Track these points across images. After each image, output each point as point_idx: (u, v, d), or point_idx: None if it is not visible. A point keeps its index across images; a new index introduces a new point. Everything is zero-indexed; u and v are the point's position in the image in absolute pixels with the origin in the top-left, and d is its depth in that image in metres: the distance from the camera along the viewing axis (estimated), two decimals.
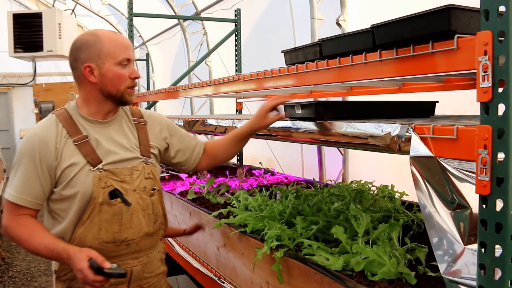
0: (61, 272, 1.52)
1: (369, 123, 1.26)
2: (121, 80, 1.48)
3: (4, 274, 4.24)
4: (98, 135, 1.50)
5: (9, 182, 1.49)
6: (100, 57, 1.45)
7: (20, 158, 1.47)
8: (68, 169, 1.44)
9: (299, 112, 1.65)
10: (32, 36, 6.16)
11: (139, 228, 1.52)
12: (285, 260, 1.64)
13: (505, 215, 0.82)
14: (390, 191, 2.27)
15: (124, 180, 1.49)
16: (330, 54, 1.37)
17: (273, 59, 2.67)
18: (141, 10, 4.90)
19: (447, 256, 0.98)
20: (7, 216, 1.47)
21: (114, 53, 1.45)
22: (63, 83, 10.99)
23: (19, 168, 1.46)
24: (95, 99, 1.50)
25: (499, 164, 0.82)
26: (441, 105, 1.77)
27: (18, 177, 1.45)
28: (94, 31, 1.50)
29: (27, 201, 1.45)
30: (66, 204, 1.47)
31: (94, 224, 1.46)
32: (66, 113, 1.51)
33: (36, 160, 1.43)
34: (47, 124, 1.49)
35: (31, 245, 1.44)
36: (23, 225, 1.45)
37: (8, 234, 1.47)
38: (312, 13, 3.77)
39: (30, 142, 1.46)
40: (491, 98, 0.82)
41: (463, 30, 0.96)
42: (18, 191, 1.44)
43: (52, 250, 1.40)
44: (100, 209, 1.45)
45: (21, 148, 1.47)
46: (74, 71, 1.50)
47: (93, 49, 1.45)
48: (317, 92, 2.39)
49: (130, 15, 3.75)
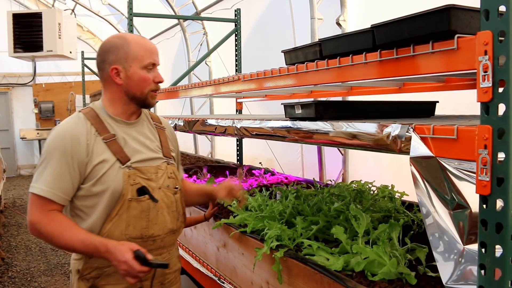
0: (85, 271, 1.51)
1: (369, 123, 1.26)
2: (146, 83, 1.53)
3: (3, 274, 4.24)
4: (125, 135, 1.54)
5: (36, 177, 1.46)
6: (127, 60, 1.50)
7: (50, 153, 1.46)
8: (99, 165, 1.47)
9: (299, 112, 1.65)
10: (32, 36, 6.15)
11: (164, 225, 1.57)
12: (285, 260, 1.64)
13: (505, 215, 0.82)
14: (390, 191, 2.27)
15: (150, 178, 1.54)
16: (330, 54, 1.37)
17: (273, 59, 2.67)
18: (141, 10, 4.90)
19: (446, 256, 0.98)
20: (35, 212, 1.44)
21: (141, 57, 1.50)
22: (63, 83, 11.01)
23: (49, 163, 1.45)
24: (121, 100, 1.55)
25: (499, 164, 0.82)
26: (441, 105, 1.77)
27: (49, 172, 1.44)
28: (123, 34, 1.55)
29: (58, 197, 1.44)
30: (93, 200, 1.48)
31: (122, 220, 1.48)
32: (93, 111, 1.54)
33: (68, 156, 1.44)
34: (76, 121, 1.51)
35: (64, 240, 1.42)
36: (55, 220, 1.43)
37: (37, 230, 1.44)
38: (312, 13, 3.77)
39: (61, 137, 1.46)
40: (491, 98, 0.82)
41: (463, 30, 0.96)
42: (50, 186, 1.43)
43: (88, 244, 1.41)
44: (129, 206, 1.48)
45: (51, 143, 1.47)
46: (101, 71, 1.55)
47: (121, 52, 1.50)
48: (317, 92, 2.39)
49: (130, 15, 3.75)
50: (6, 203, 7.38)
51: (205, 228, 2.42)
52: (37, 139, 10.36)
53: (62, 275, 4.20)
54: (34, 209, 1.44)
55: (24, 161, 10.97)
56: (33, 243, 5.23)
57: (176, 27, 7.36)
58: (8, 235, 5.59)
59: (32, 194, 1.45)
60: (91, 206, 1.48)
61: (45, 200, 1.43)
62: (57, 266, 4.44)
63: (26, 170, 10.97)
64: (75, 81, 10.74)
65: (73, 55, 6.53)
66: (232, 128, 2.11)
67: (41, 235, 1.45)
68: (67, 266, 4.41)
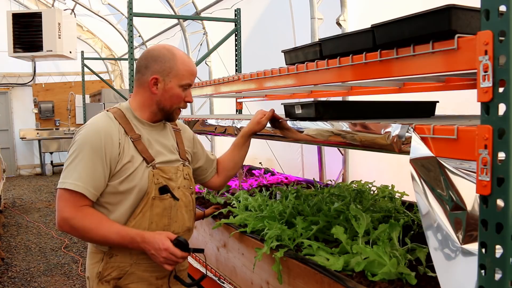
0: (105, 272, 1.52)
1: (369, 123, 1.26)
2: (177, 100, 1.59)
3: (3, 274, 4.23)
4: (149, 136, 1.58)
5: (66, 173, 1.45)
6: (169, 75, 1.54)
7: (82, 149, 1.45)
8: (128, 164, 1.50)
9: (299, 112, 1.65)
10: (31, 36, 6.15)
11: (183, 223, 1.62)
12: (285, 260, 1.64)
13: (506, 215, 0.82)
14: (390, 191, 2.27)
15: (171, 178, 1.58)
16: (330, 54, 1.37)
17: (273, 59, 2.67)
18: (141, 9, 4.90)
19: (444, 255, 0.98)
20: (68, 208, 1.43)
21: (182, 76, 1.55)
22: (63, 83, 11.00)
23: (82, 159, 1.45)
24: (150, 108, 1.59)
25: (499, 164, 0.82)
26: (441, 105, 1.77)
27: (82, 167, 1.44)
28: (172, 48, 1.58)
29: (91, 193, 1.45)
30: (118, 198, 1.50)
31: (145, 218, 1.51)
32: (120, 112, 1.58)
33: (101, 152, 1.45)
34: (107, 119, 1.53)
35: (100, 233, 1.43)
36: (90, 215, 1.44)
37: (70, 226, 1.43)
38: (312, 13, 3.77)
39: (95, 134, 1.47)
40: (491, 98, 0.82)
41: (464, 30, 0.96)
42: (84, 182, 1.43)
43: (124, 235, 1.44)
44: (152, 204, 1.52)
45: (84, 139, 1.47)
46: (139, 75, 1.59)
47: (166, 65, 1.54)
48: (317, 92, 2.39)
49: (130, 15, 3.75)
50: (6, 203, 7.37)
51: (205, 228, 2.42)
52: (37, 139, 10.35)
53: (62, 275, 4.19)
54: (66, 205, 1.43)
55: (24, 161, 10.97)
56: (33, 243, 5.23)
57: (176, 27, 7.36)
58: (8, 235, 5.59)
59: (63, 190, 1.44)
60: (115, 203, 1.50)
61: (78, 196, 1.43)
62: (57, 266, 4.44)
63: (26, 170, 10.97)
64: (75, 81, 10.74)
65: (73, 55, 6.52)
66: (232, 128, 2.11)
67: (75, 231, 1.45)
68: (67, 266, 4.41)
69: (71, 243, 5.20)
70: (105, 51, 11.69)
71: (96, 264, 1.55)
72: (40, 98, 10.61)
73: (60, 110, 10.70)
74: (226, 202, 2.56)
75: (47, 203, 7.48)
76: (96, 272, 1.54)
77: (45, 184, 9.44)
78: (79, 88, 9.51)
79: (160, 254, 1.43)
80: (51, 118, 10.64)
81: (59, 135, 10.34)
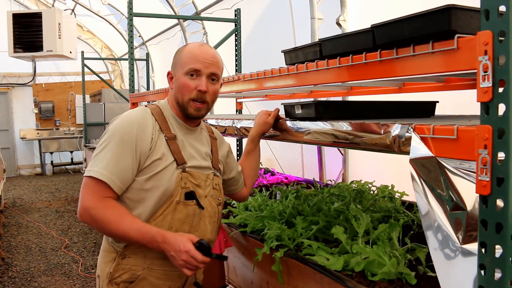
0: (116, 273, 1.45)
1: (369, 123, 1.26)
2: (185, 90, 1.49)
3: (3, 274, 4.23)
4: (184, 138, 1.54)
5: (94, 161, 1.39)
6: (176, 66, 1.53)
7: (113, 139, 1.40)
8: (158, 161, 1.44)
9: (299, 112, 1.65)
10: (32, 36, 6.15)
11: (204, 233, 1.53)
12: (285, 260, 1.64)
13: (505, 215, 0.82)
14: (390, 191, 2.27)
15: (199, 184, 1.52)
16: (330, 54, 1.37)
17: (273, 59, 2.67)
18: (141, 10, 4.90)
19: (443, 255, 0.98)
20: (91, 197, 1.36)
21: (184, 63, 1.50)
22: (63, 83, 11.00)
23: (111, 148, 1.39)
24: (172, 103, 1.57)
25: (499, 164, 0.82)
26: (441, 105, 1.78)
27: (110, 157, 1.38)
28: (191, 43, 1.57)
29: (116, 185, 1.38)
30: (141, 195, 1.44)
31: (166, 222, 1.44)
32: (158, 109, 1.54)
33: (132, 144, 1.40)
34: (143, 114, 1.49)
35: (120, 228, 1.36)
36: (112, 207, 1.38)
37: (91, 216, 1.36)
38: (312, 13, 3.77)
39: (128, 125, 1.43)
40: (491, 98, 0.82)
41: (464, 30, 0.96)
42: (111, 172, 1.37)
43: (145, 233, 1.36)
44: (175, 208, 1.45)
45: (116, 129, 1.42)
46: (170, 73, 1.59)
47: (176, 57, 1.55)
48: (317, 92, 2.39)
49: (130, 15, 3.75)
50: (6, 203, 7.37)
51: None
52: (37, 139, 10.36)
53: (62, 275, 4.19)
54: (89, 194, 1.37)
55: (24, 161, 10.97)
56: (33, 243, 5.23)
57: (176, 27, 7.36)
58: (8, 235, 5.59)
59: (88, 178, 1.38)
60: (137, 200, 1.44)
61: (102, 186, 1.37)
62: (57, 266, 4.44)
63: (26, 170, 10.97)
64: (75, 81, 10.74)
65: (73, 55, 6.53)
66: (232, 128, 2.11)
67: (95, 222, 1.37)
68: (67, 266, 4.41)
69: (71, 243, 5.20)
70: (105, 51, 11.69)
71: (108, 264, 1.48)
72: (40, 98, 10.61)
73: (60, 110, 10.70)
74: (226, 202, 2.56)
75: (47, 203, 7.48)
76: (107, 272, 1.48)
77: (45, 184, 9.44)
78: (79, 88, 9.51)
79: (180, 256, 1.35)
80: (51, 118, 10.65)
81: (59, 135, 10.34)
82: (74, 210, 6.89)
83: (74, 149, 10.52)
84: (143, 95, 3.65)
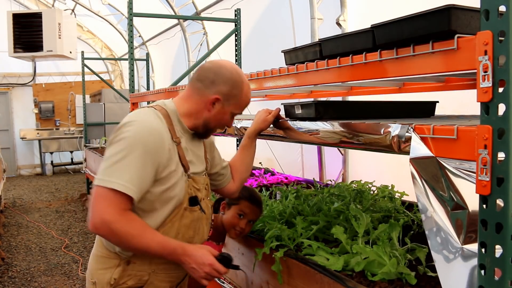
0: (121, 279, 1.44)
1: (369, 123, 1.26)
2: (223, 124, 1.55)
3: (4, 274, 4.23)
4: (186, 144, 1.50)
5: (111, 170, 1.30)
6: (231, 101, 1.49)
7: (135, 148, 1.31)
8: (174, 173, 1.41)
9: (299, 112, 1.65)
10: (32, 36, 6.15)
11: (202, 235, 1.56)
12: (285, 260, 1.64)
13: (505, 215, 0.82)
14: (390, 191, 2.27)
15: (199, 188, 1.52)
16: (330, 54, 1.37)
17: (273, 59, 2.67)
18: (141, 10, 4.90)
19: (444, 255, 0.98)
20: (112, 209, 1.28)
21: (239, 107, 1.52)
22: (63, 83, 11.00)
23: (134, 159, 1.31)
24: (196, 119, 1.51)
25: (499, 164, 0.82)
26: (441, 105, 1.78)
27: (134, 169, 1.30)
28: (242, 74, 1.52)
29: (138, 198, 1.33)
30: (155, 205, 1.40)
31: (174, 228, 1.45)
32: (165, 112, 1.47)
33: (153, 156, 1.34)
34: (157, 119, 1.41)
35: (142, 242, 1.32)
36: (134, 220, 1.32)
37: (111, 229, 1.28)
38: (312, 13, 3.77)
39: (149, 134, 1.35)
40: (491, 98, 0.82)
41: (463, 30, 0.96)
42: (135, 185, 1.30)
43: (166, 246, 1.35)
44: (183, 214, 1.46)
45: (137, 137, 1.33)
46: (201, 85, 1.48)
47: (234, 91, 1.48)
48: (317, 92, 2.39)
49: (130, 15, 3.75)
50: (6, 203, 7.38)
51: None
52: (37, 139, 10.36)
53: (62, 275, 4.19)
54: (109, 207, 1.28)
55: (24, 161, 10.97)
56: (33, 243, 5.23)
57: (176, 27, 7.36)
58: (8, 235, 5.59)
59: (107, 189, 1.28)
60: (148, 210, 1.40)
61: (123, 198, 1.29)
62: (57, 266, 4.44)
63: (26, 170, 10.97)
64: (75, 81, 10.74)
65: (73, 55, 6.53)
66: (232, 128, 2.11)
67: (114, 235, 1.30)
68: (67, 266, 4.41)
69: (71, 243, 5.20)
70: (105, 51, 11.69)
71: (109, 270, 1.45)
72: (40, 98, 10.61)
73: (60, 110, 10.70)
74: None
75: (47, 203, 7.48)
76: (108, 278, 1.44)
77: (45, 184, 9.44)
78: (79, 88, 9.51)
79: (202, 268, 1.35)
80: (51, 118, 10.65)
81: (59, 135, 10.34)
82: (74, 210, 6.89)
83: (74, 149, 10.52)
84: (143, 95, 3.65)
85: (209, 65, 1.50)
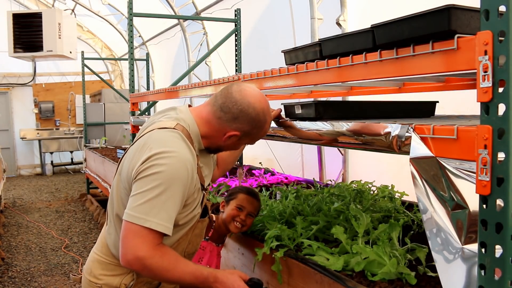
0: (135, 286, 1.48)
1: (369, 123, 1.26)
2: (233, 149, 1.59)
3: (4, 274, 4.23)
4: (201, 161, 1.49)
5: (148, 208, 1.27)
6: (249, 137, 1.48)
7: (172, 185, 1.29)
8: (195, 193, 1.43)
9: (299, 112, 1.65)
10: (32, 36, 6.15)
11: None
12: (285, 260, 1.64)
13: (505, 215, 0.82)
14: (390, 191, 2.27)
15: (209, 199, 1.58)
16: (330, 54, 1.37)
17: (273, 59, 2.67)
18: (141, 10, 4.90)
19: (445, 256, 0.98)
20: (146, 246, 1.27)
21: (255, 140, 1.53)
22: (63, 83, 11.00)
23: (171, 196, 1.30)
24: (210, 143, 1.49)
25: (499, 164, 0.82)
26: (441, 105, 1.78)
27: (172, 207, 1.30)
28: (268, 116, 1.48)
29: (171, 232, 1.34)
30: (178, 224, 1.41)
31: (187, 240, 1.50)
32: (186, 132, 1.42)
33: (186, 189, 1.35)
34: (186, 148, 1.38)
35: (176, 274, 1.33)
36: (167, 254, 1.32)
37: (146, 265, 1.28)
38: (312, 13, 3.77)
39: (183, 168, 1.32)
40: (491, 98, 0.82)
41: (463, 30, 0.96)
42: (169, 222, 1.30)
43: (198, 276, 1.35)
44: (196, 226, 1.52)
45: (173, 173, 1.30)
46: (223, 115, 1.41)
47: (254, 130, 1.45)
48: (317, 92, 2.39)
49: (130, 15, 3.75)
50: (6, 203, 7.38)
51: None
52: (37, 139, 10.36)
53: (62, 275, 4.19)
54: (143, 243, 1.27)
55: (24, 161, 10.97)
56: (33, 243, 5.23)
57: (176, 27, 7.36)
58: (8, 235, 5.59)
59: (141, 227, 1.27)
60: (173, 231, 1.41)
61: (158, 235, 1.29)
62: (57, 266, 4.44)
63: (26, 170, 10.97)
64: (75, 81, 10.74)
65: (73, 55, 6.53)
66: None
67: (148, 270, 1.30)
68: (67, 266, 4.41)
69: (71, 243, 5.20)
70: (105, 51, 11.69)
71: (118, 277, 1.47)
72: (40, 98, 10.62)
73: (60, 110, 10.70)
74: None
75: (47, 203, 7.48)
76: (117, 283, 1.46)
77: (45, 184, 9.44)
78: (79, 88, 9.51)
79: None
80: (51, 118, 10.65)
81: (59, 135, 10.35)
82: (74, 210, 6.89)
83: (74, 149, 10.52)
84: (143, 95, 3.66)
85: (237, 97, 1.40)
